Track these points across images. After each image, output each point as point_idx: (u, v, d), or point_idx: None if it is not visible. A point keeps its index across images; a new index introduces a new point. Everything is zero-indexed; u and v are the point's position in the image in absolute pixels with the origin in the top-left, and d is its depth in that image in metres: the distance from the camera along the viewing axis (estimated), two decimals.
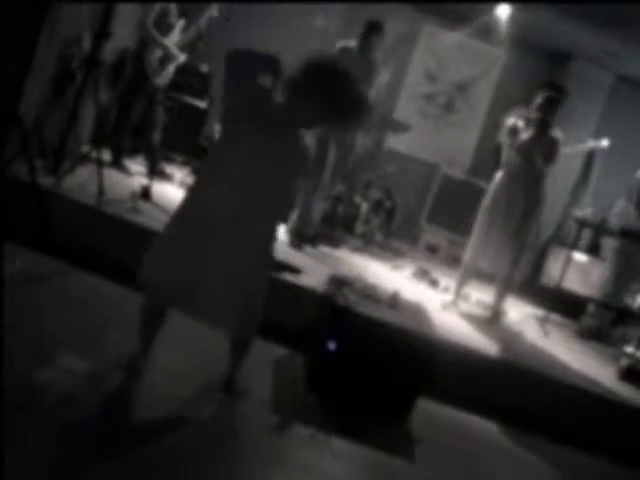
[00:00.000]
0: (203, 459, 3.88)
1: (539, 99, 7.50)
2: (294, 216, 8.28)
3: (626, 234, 8.57)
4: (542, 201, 7.69)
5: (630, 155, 10.58)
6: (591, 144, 9.37)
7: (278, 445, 4.40)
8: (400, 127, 10.21)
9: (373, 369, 5.23)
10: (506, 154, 7.65)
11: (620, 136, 10.19)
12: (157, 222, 6.56)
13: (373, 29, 8.12)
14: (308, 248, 8.20)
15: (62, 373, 4.16)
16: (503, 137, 7.69)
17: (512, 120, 7.60)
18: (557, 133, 7.49)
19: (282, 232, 8.08)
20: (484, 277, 8.43)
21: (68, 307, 5.14)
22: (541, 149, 7.42)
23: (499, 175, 7.68)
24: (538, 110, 7.46)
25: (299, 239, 8.14)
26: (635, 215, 8.89)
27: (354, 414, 5.19)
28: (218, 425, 4.42)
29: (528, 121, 7.51)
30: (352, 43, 8.32)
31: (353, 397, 5.23)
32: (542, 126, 7.43)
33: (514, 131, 7.53)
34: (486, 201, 7.73)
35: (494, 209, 7.58)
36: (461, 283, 7.92)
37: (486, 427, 5.88)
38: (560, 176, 8.91)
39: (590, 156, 10.87)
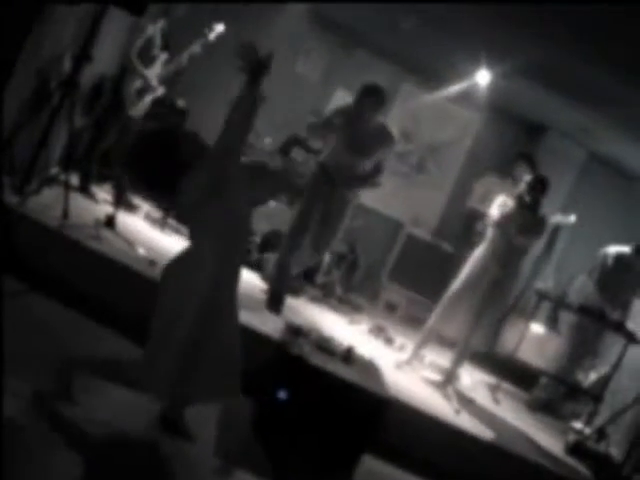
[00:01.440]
0: None
1: (527, 178, 7.61)
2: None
3: (584, 310, 8.60)
4: (516, 277, 7.76)
5: (595, 232, 10.65)
6: (558, 218, 9.41)
7: None
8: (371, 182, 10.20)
9: (321, 421, 5.19)
10: (491, 230, 7.68)
11: (587, 212, 10.26)
12: (118, 252, 6.53)
13: (367, 94, 7.84)
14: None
15: (7, 396, 4.09)
16: (491, 213, 7.71)
17: (503, 198, 7.66)
18: (542, 213, 7.57)
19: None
20: (443, 341, 8.42)
21: (20, 329, 5.06)
22: (522, 225, 7.45)
23: (480, 249, 7.70)
24: (526, 188, 7.54)
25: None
26: (594, 292, 8.95)
27: (298, 465, 5.13)
28: (156, 463, 4.35)
29: (520, 202, 7.56)
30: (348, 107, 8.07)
31: (299, 447, 5.18)
32: (526, 203, 7.50)
33: (507, 220, 7.56)
34: (464, 272, 7.73)
35: (470, 281, 7.59)
36: (420, 345, 7.89)
37: None
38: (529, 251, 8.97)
39: (555, 229, 10.91)
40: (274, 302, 7.60)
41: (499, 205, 7.64)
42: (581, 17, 6.82)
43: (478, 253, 7.71)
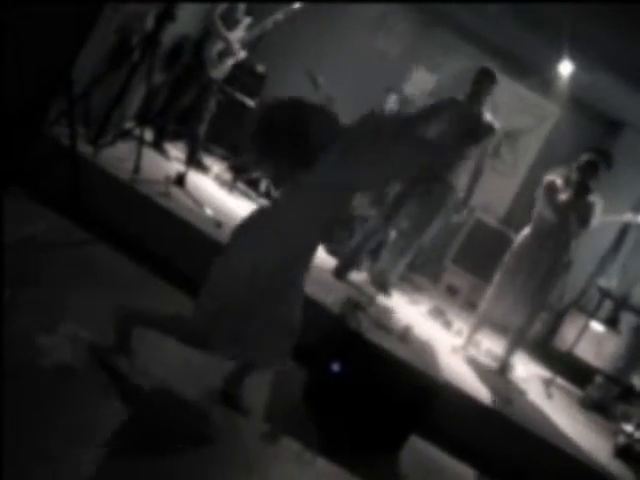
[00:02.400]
0: (183, 457, 3.85)
1: (581, 161, 7.43)
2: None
3: None
4: (570, 264, 7.61)
5: None
6: (628, 217, 9.30)
7: (262, 455, 4.37)
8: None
9: (372, 398, 5.18)
10: (538, 211, 7.57)
11: None
12: (185, 211, 6.57)
13: (482, 77, 7.87)
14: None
15: (64, 340, 4.14)
16: (538, 193, 7.61)
17: (551, 178, 7.52)
18: (595, 198, 7.40)
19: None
20: (498, 328, 8.37)
21: (82, 278, 5.12)
22: (576, 211, 7.33)
23: (527, 230, 7.61)
24: (578, 172, 7.38)
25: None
26: None
27: (345, 438, 5.14)
28: (205, 425, 4.38)
29: (567, 181, 7.44)
30: (461, 96, 8.09)
31: (347, 421, 5.18)
32: (580, 188, 7.36)
33: (551, 189, 7.44)
34: (511, 253, 7.66)
35: (518, 263, 7.51)
36: (474, 330, 7.84)
37: (470, 476, 5.80)
38: (591, 243, 8.86)
39: (625, 228, 10.78)
40: (341, 270, 7.75)
41: (549, 187, 7.49)
42: None
43: (525, 234, 7.60)
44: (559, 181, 7.45)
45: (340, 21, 11.05)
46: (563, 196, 7.35)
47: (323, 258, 8.44)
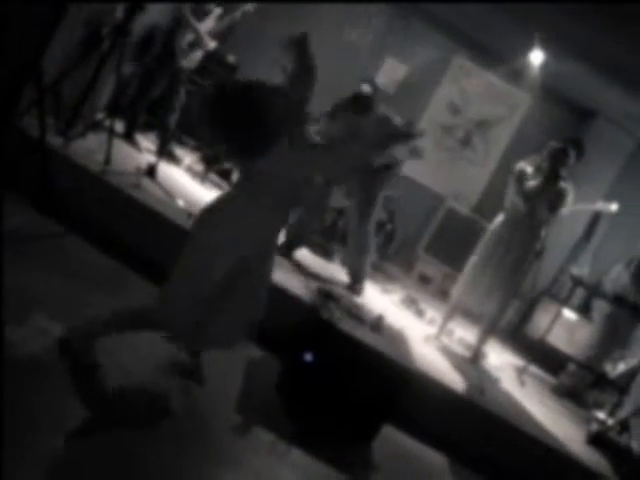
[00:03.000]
0: (156, 451, 3.85)
1: (551, 148, 7.46)
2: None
3: (618, 301, 8.52)
4: (541, 251, 7.63)
5: (637, 222, 10.55)
6: (600, 206, 9.32)
7: (236, 446, 4.37)
8: (415, 152, 10.14)
9: (345, 387, 5.18)
10: (509, 198, 7.59)
11: (631, 202, 10.15)
12: (156, 202, 6.55)
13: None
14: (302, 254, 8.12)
15: (35, 333, 4.12)
16: (509, 181, 7.63)
17: (521, 165, 7.55)
18: (565, 185, 7.42)
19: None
20: (471, 316, 8.39)
21: (54, 270, 5.09)
22: (547, 198, 7.35)
23: (500, 218, 7.63)
24: (548, 159, 7.41)
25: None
26: (629, 284, 8.85)
27: (318, 428, 5.14)
28: (178, 417, 4.38)
29: (537, 169, 7.46)
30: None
31: (320, 411, 5.18)
32: (550, 175, 7.38)
33: (522, 177, 7.47)
34: (483, 242, 7.68)
35: (490, 251, 7.53)
36: (446, 318, 7.87)
37: (444, 464, 5.82)
38: (563, 231, 8.90)
39: (596, 217, 10.82)
40: (289, 248, 7.78)
41: (519, 174, 7.52)
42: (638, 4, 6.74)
43: (497, 223, 7.62)
44: (529, 169, 7.48)
45: (311, 12, 11.02)
46: (533, 183, 7.37)
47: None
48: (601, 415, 8.18)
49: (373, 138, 7.33)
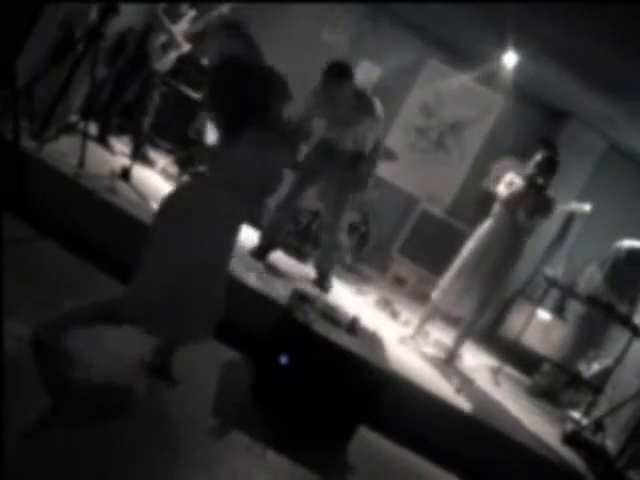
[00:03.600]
0: (130, 454, 3.83)
1: (538, 158, 7.54)
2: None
3: (592, 301, 8.56)
4: (519, 256, 7.69)
5: (610, 223, 10.61)
6: (573, 206, 9.37)
7: (211, 448, 4.36)
8: (389, 154, 10.17)
9: (320, 390, 5.20)
10: (497, 207, 7.65)
11: (604, 202, 10.21)
12: (130, 205, 6.53)
13: (329, 73, 7.81)
14: (277, 256, 8.11)
15: (9, 339, 4.10)
16: (494, 188, 7.70)
17: (511, 176, 7.63)
18: (550, 195, 7.51)
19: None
20: (448, 319, 8.43)
21: (27, 275, 5.07)
22: (529, 205, 7.41)
23: (486, 224, 7.67)
24: (534, 168, 7.49)
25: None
26: (603, 284, 8.91)
27: (294, 431, 5.15)
28: (152, 420, 4.37)
29: (525, 178, 7.54)
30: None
31: (296, 414, 5.19)
32: (534, 183, 7.46)
33: (510, 187, 7.55)
34: (467, 247, 7.71)
35: (473, 255, 7.57)
36: (424, 320, 7.90)
37: (420, 466, 5.84)
38: (537, 232, 8.94)
39: (570, 217, 10.87)
40: (260, 252, 7.75)
41: (507, 183, 7.60)
42: (611, 5, 6.76)
43: (482, 230, 7.68)
44: (517, 179, 7.57)
45: (286, 14, 11.03)
46: (517, 190, 7.45)
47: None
48: (576, 415, 8.22)
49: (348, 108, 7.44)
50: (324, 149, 7.80)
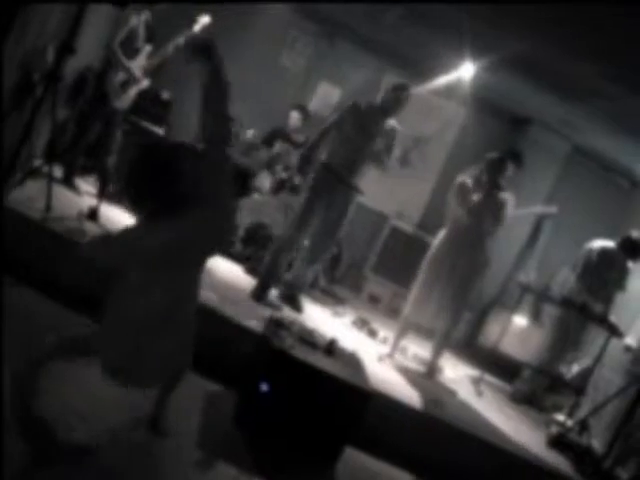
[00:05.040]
0: None
1: (488, 159, 7.57)
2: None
3: (567, 303, 8.62)
4: (487, 262, 7.72)
5: (579, 225, 10.69)
6: (540, 209, 9.45)
7: None
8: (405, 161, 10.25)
9: (303, 414, 5.21)
10: (452, 212, 7.68)
11: (571, 205, 10.31)
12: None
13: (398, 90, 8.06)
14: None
15: None
16: (450, 195, 7.72)
17: (461, 179, 7.64)
18: (506, 195, 7.54)
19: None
20: (423, 332, 8.45)
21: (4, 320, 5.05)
22: (489, 210, 7.45)
23: (443, 233, 7.71)
24: (487, 170, 7.53)
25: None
26: (576, 286, 8.97)
27: (281, 457, 5.16)
28: (138, 457, 4.36)
29: (478, 181, 7.56)
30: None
31: (281, 440, 5.20)
32: (491, 187, 7.49)
33: (463, 191, 7.56)
34: (428, 257, 7.75)
35: (436, 266, 7.60)
36: (399, 336, 7.91)
37: None
38: (507, 239, 9.00)
39: (539, 222, 10.95)
40: (260, 291, 7.71)
41: (459, 187, 7.62)
42: (563, 10, 6.83)
43: (441, 238, 7.72)
44: (469, 181, 7.58)
45: (243, 39, 11.05)
46: (475, 196, 7.46)
47: (241, 277, 8.46)
48: (560, 417, 8.27)
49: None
50: (332, 172, 7.93)
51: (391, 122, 8.08)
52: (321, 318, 8.32)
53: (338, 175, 7.79)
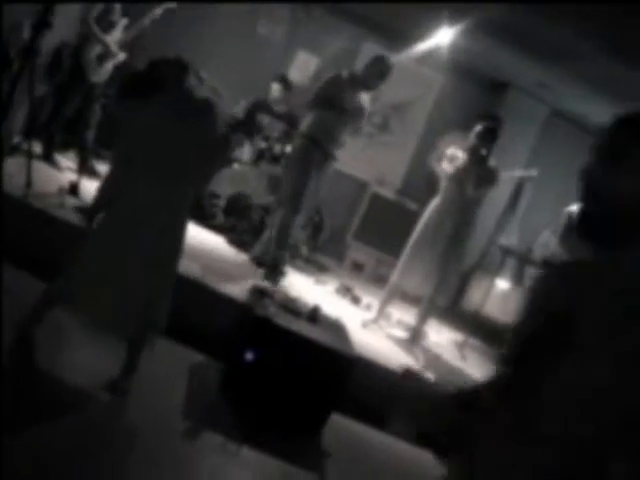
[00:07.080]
0: (105, 461, 3.87)
1: (477, 128, 7.59)
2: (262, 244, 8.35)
3: (548, 265, 8.66)
4: (472, 228, 7.76)
5: (559, 188, 10.71)
6: (520, 173, 9.47)
7: (186, 451, 4.40)
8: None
9: (288, 382, 5.25)
10: (443, 182, 7.71)
11: (551, 168, 10.33)
12: (82, 220, 6.53)
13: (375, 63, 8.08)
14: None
15: None
16: (438, 165, 7.75)
17: (452, 150, 7.68)
18: (493, 163, 7.58)
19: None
20: (408, 298, 8.49)
21: None
22: (475, 177, 7.48)
23: (435, 202, 7.73)
24: (476, 139, 7.55)
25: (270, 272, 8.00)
26: (557, 248, 9.00)
27: (266, 425, 5.19)
28: (126, 426, 4.40)
29: (473, 152, 7.60)
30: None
31: (267, 408, 5.24)
32: (477, 155, 7.52)
33: (452, 160, 7.61)
34: (419, 225, 7.77)
35: (426, 233, 7.63)
36: (385, 302, 7.94)
37: (395, 445, 5.89)
38: (487, 203, 9.02)
39: (519, 185, 10.95)
40: (274, 273, 7.75)
41: (449, 158, 7.66)
42: None
43: (432, 207, 7.74)
44: (459, 152, 7.62)
45: (219, 10, 11.01)
46: (460, 163, 7.51)
47: (224, 248, 8.48)
48: None
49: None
50: (317, 143, 7.94)
51: (366, 97, 8.07)
52: (304, 286, 8.35)
53: (323, 148, 7.79)
